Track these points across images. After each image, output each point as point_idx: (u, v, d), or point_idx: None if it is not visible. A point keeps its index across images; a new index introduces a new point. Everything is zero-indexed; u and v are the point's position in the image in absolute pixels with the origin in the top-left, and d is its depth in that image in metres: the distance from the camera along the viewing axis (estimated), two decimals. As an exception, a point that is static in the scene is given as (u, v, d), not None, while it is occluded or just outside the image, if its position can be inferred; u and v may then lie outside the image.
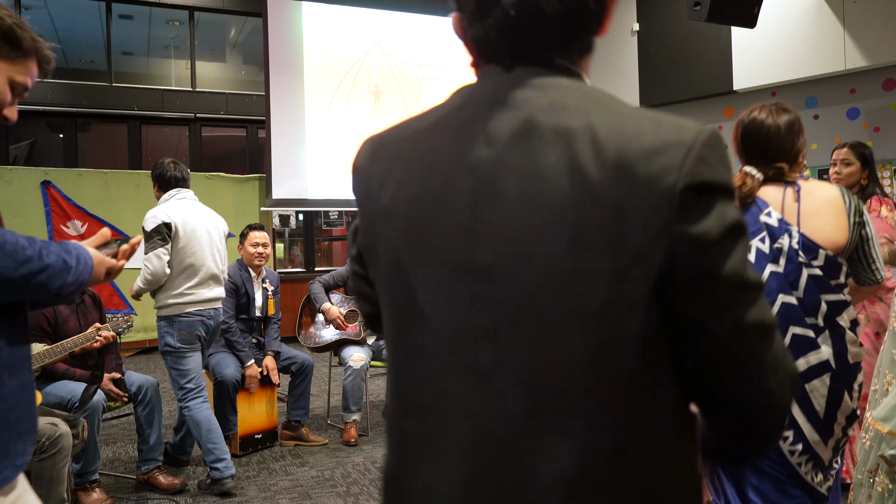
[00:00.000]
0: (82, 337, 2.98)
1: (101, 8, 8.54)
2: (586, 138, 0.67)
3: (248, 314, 3.99)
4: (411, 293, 0.76)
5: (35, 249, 1.19)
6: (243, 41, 10.10)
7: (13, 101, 1.27)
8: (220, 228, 3.55)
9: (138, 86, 8.88)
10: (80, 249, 1.30)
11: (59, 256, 1.23)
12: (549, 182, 0.67)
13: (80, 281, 1.27)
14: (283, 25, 7.50)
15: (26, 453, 1.22)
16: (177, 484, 3.31)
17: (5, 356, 1.18)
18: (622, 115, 0.69)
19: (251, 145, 9.34)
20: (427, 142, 0.77)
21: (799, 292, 1.73)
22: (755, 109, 1.85)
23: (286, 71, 7.46)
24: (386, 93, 8.04)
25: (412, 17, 8.12)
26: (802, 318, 1.73)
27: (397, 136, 0.81)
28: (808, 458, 1.76)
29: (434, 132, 0.77)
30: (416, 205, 0.75)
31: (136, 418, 3.32)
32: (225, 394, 3.68)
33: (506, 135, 0.71)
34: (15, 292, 1.18)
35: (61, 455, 2.45)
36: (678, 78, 7.82)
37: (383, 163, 0.80)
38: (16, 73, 1.24)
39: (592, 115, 0.69)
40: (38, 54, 1.28)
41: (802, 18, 6.59)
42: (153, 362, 6.90)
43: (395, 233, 0.77)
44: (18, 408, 1.20)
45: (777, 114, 1.81)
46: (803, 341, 1.73)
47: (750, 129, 1.83)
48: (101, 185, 6.91)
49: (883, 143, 6.38)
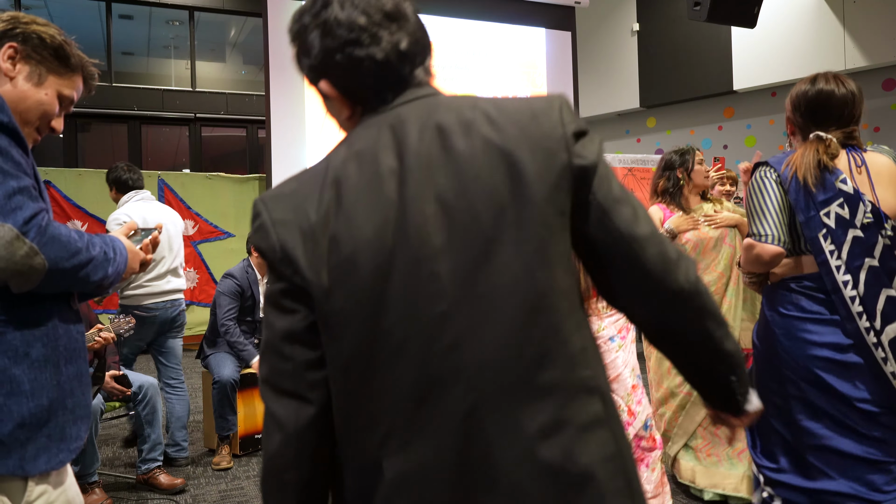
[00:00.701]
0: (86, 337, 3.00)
1: (101, 8, 8.55)
2: (484, 122, 0.85)
3: (252, 316, 3.99)
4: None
5: (84, 242, 1.25)
6: (243, 41, 10.10)
7: (60, 113, 1.38)
8: (178, 225, 3.78)
9: (138, 86, 8.88)
10: (117, 241, 1.37)
11: (101, 249, 1.30)
12: (475, 161, 0.83)
13: (118, 272, 1.34)
14: (283, 25, 7.45)
15: (81, 438, 1.29)
16: (177, 484, 3.31)
17: (62, 344, 1.26)
18: (493, 101, 0.88)
19: (251, 145, 9.34)
20: (355, 190, 0.85)
21: (875, 260, 1.74)
22: (818, 80, 1.88)
23: (286, 71, 7.46)
24: (386, 93, 8.05)
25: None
26: (887, 281, 1.74)
27: (304, 201, 0.87)
28: None
29: (356, 178, 0.85)
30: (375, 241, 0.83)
31: (137, 418, 3.32)
32: (223, 394, 3.68)
33: (425, 141, 0.85)
34: (64, 282, 1.24)
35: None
36: (678, 78, 7.82)
37: (309, 232, 0.85)
38: (64, 87, 1.36)
39: (476, 106, 0.87)
40: (83, 70, 1.40)
41: (802, 18, 6.59)
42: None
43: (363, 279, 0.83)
44: (74, 395, 1.27)
45: (844, 82, 1.85)
46: (893, 303, 1.73)
47: (821, 98, 1.85)
48: (101, 185, 6.84)
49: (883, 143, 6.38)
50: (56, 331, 1.25)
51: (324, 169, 0.88)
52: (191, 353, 7.22)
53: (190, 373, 6.31)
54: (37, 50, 1.31)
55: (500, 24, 8.49)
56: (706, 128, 7.99)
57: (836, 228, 1.76)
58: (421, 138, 0.85)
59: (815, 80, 1.88)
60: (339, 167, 0.86)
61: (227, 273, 3.96)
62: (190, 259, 7.37)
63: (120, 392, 3.21)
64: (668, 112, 8.30)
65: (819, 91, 1.86)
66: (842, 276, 1.75)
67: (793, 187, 1.81)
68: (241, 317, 3.92)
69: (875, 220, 1.75)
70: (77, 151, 8.58)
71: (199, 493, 3.30)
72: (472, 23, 8.58)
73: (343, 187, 0.85)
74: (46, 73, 1.32)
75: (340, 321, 0.83)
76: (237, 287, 3.88)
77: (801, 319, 1.83)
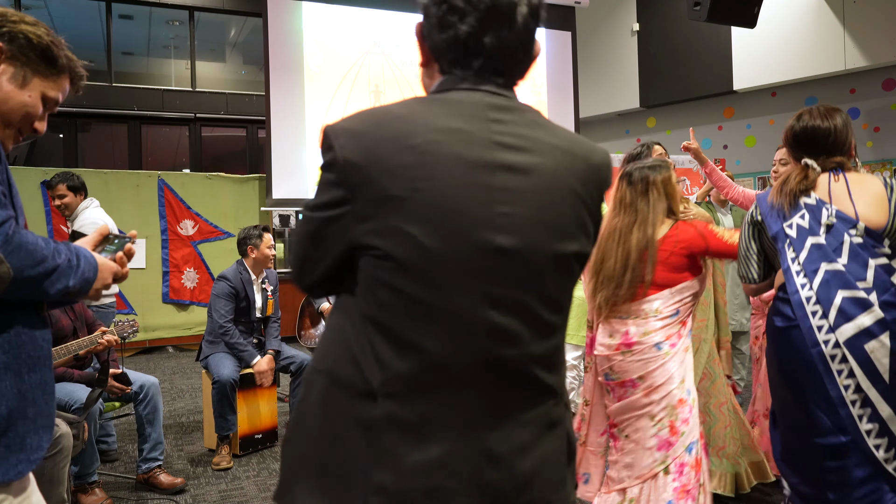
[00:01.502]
0: (87, 340, 3.01)
1: (101, 8, 8.55)
2: (566, 151, 0.97)
3: (248, 317, 3.99)
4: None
5: (50, 249, 1.23)
6: (243, 41, 10.10)
7: (44, 114, 1.35)
8: (115, 229, 3.97)
9: (138, 86, 8.88)
10: (81, 250, 1.32)
11: (66, 256, 1.26)
12: (554, 181, 0.95)
13: (84, 280, 1.29)
14: (283, 25, 7.50)
15: (42, 448, 1.26)
16: (178, 483, 3.30)
17: (26, 352, 1.23)
18: (568, 135, 1.00)
19: (251, 145, 9.34)
20: (441, 143, 0.92)
21: (843, 259, 1.85)
22: (804, 115, 2.03)
23: (286, 71, 7.46)
24: (386, 92, 8.04)
25: (412, 17, 8.11)
26: (851, 282, 1.83)
27: (391, 129, 0.91)
28: (887, 440, 1.78)
29: (444, 134, 0.92)
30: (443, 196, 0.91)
31: (137, 417, 3.32)
32: (223, 394, 3.67)
33: (514, 146, 0.94)
34: (28, 290, 1.21)
35: (62, 455, 2.44)
36: (678, 78, 7.81)
37: (390, 156, 0.90)
38: (49, 89, 1.33)
39: (555, 134, 0.98)
40: (71, 72, 1.36)
41: (802, 18, 6.58)
42: (153, 362, 6.91)
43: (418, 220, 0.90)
44: (37, 404, 1.24)
45: (829, 116, 2.00)
46: (853, 303, 1.81)
47: (806, 133, 2.01)
48: (101, 185, 6.91)
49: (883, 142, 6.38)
50: (19, 338, 1.22)
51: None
52: (191, 353, 7.23)
53: (190, 373, 6.31)
54: (23, 51, 1.28)
55: (500, 24, 8.48)
56: (706, 128, 7.99)
57: (797, 238, 1.92)
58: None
59: (800, 117, 2.04)
60: None
61: (221, 275, 3.95)
62: (190, 259, 7.37)
63: (119, 390, 3.21)
64: (668, 112, 8.30)
65: (805, 126, 2.02)
66: (800, 280, 1.89)
67: (767, 208, 2.01)
68: (236, 318, 3.92)
69: (841, 220, 1.88)
70: (77, 151, 8.58)
71: (199, 493, 3.30)
72: (472, 23, 8.57)
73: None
74: (31, 74, 1.30)
75: None
76: (231, 289, 3.88)
77: (787, 328, 1.93)
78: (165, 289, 7.22)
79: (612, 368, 2.38)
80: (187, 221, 7.38)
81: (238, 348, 3.80)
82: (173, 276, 7.26)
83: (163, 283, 7.21)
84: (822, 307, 1.83)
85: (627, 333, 2.34)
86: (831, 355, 1.81)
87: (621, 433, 2.39)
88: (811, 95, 6.97)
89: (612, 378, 2.39)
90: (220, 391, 3.67)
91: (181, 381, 5.95)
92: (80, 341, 2.98)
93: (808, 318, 1.85)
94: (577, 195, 0.96)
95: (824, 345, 1.82)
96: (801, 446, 1.91)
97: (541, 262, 0.94)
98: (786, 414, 1.97)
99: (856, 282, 1.82)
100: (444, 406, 0.91)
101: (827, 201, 1.91)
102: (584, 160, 0.98)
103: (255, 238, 4.00)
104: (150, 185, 7.24)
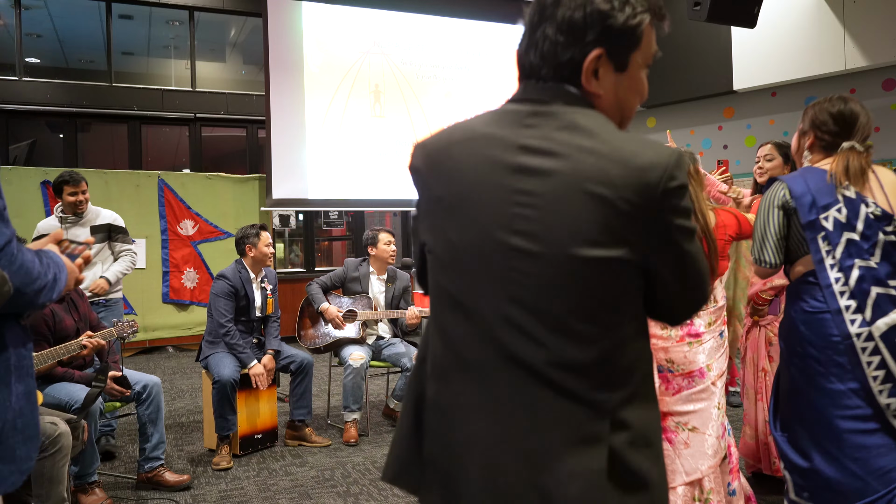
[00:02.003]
0: (75, 344, 3.01)
1: (101, 8, 8.54)
2: (601, 154, 0.92)
3: (247, 316, 3.99)
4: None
5: (42, 266, 1.27)
6: (243, 41, 10.09)
7: None
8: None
9: (138, 86, 8.88)
10: (59, 261, 1.35)
11: (53, 271, 1.30)
12: (572, 185, 0.92)
13: (61, 289, 1.34)
14: (283, 25, 7.50)
15: (31, 459, 1.25)
16: (184, 480, 3.31)
17: (14, 362, 1.23)
18: (617, 139, 0.94)
19: (251, 145, 9.34)
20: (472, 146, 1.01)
21: (876, 257, 1.90)
22: (824, 102, 2.08)
23: (286, 71, 7.46)
24: (386, 93, 8.04)
25: (412, 17, 8.11)
26: (883, 280, 1.88)
27: (446, 140, 1.04)
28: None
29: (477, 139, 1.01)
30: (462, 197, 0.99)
31: (139, 417, 3.32)
32: (223, 394, 3.68)
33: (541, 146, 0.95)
34: (19, 304, 1.23)
35: (61, 454, 2.45)
36: (678, 78, 7.81)
37: (434, 164, 1.04)
38: None
39: (595, 137, 0.94)
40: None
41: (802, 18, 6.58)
42: (153, 362, 6.91)
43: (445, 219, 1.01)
44: (23, 414, 1.24)
45: (859, 102, 2.07)
46: (885, 300, 1.88)
47: (843, 116, 2.05)
48: (101, 185, 6.90)
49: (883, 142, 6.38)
50: (6, 350, 1.22)
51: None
52: (191, 353, 7.23)
53: (190, 373, 6.31)
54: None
55: (501, 24, 8.49)
56: (706, 128, 7.99)
57: (833, 231, 1.94)
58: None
59: (832, 100, 2.08)
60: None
61: (220, 274, 3.96)
62: (190, 259, 7.37)
63: (119, 393, 3.21)
64: (668, 112, 8.30)
65: (841, 110, 2.06)
66: (834, 273, 1.92)
67: (800, 192, 1.99)
68: (236, 317, 3.92)
69: (882, 215, 1.91)
70: (77, 151, 8.57)
71: (199, 493, 3.30)
72: (473, 23, 8.57)
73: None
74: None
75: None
76: (230, 287, 3.88)
77: (817, 311, 1.97)
78: (165, 289, 7.22)
79: (673, 360, 2.39)
80: (187, 221, 7.38)
81: (237, 350, 3.81)
82: (173, 276, 7.26)
83: (163, 283, 7.21)
84: (856, 301, 1.89)
85: (692, 324, 2.36)
86: (862, 347, 1.86)
87: (682, 427, 2.37)
88: (811, 95, 6.97)
89: (674, 370, 2.39)
90: (220, 391, 3.67)
91: (181, 381, 5.96)
92: (67, 345, 2.99)
93: (841, 311, 1.90)
94: (603, 199, 0.90)
95: (856, 338, 1.87)
96: (822, 423, 1.93)
97: (562, 267, 0.92)
98: (804, 390, 1.98)
99: (887, 280, 1.89)
100: (460, 393, 1.00)
101: (867, 196, 1.95)
102: (623, 163, 0.91)
103: (252, 237, 4.00)
104: (150, 185, 7.24)
